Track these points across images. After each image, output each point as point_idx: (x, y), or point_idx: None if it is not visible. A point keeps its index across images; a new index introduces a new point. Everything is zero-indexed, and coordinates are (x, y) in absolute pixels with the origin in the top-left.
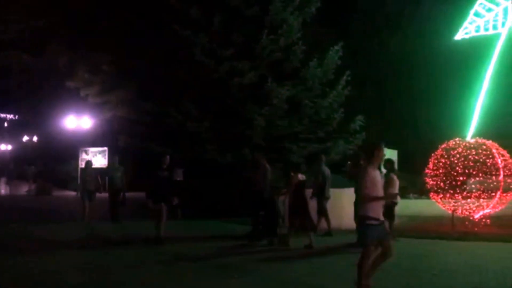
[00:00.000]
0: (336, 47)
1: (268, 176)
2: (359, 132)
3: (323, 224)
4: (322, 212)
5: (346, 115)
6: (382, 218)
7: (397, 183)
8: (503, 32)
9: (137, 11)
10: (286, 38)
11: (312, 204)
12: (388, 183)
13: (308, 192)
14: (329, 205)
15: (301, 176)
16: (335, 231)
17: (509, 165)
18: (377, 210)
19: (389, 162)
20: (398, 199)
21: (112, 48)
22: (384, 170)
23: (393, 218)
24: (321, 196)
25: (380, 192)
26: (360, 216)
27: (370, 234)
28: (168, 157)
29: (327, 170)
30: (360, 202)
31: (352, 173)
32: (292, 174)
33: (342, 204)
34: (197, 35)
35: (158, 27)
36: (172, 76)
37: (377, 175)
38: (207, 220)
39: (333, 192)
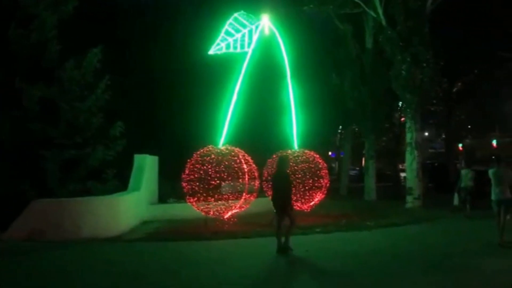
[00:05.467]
0: (95, 50)
1: None
2: (120, 138)
3: None
4: None
5: (106, 121)
6: None
7: None
8: (249, 52)
9: None
10: (39, 34)
11: None
12: None
13: None
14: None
15: None
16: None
17: (253, 170)
18: None
19: None
20: None
21: None
22: None
23: None
24: None
25: None
26: None
27: None
28: None
29: None
30: None
31: None
32: None
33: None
34: None
35: None
36: None
37: None
38: None
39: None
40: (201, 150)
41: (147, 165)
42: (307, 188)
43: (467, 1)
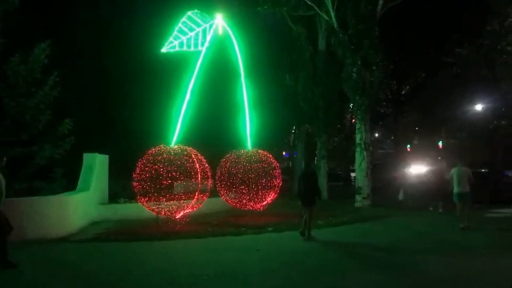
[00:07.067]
0: (43, 45)
1: None
2: (68, 136)
3: None
4: None
5: (55, 118)
6: None
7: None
8: (202, 51)
9: None
10: None
11: None
12: None
13: None
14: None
15: None
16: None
17: (206, 169)
18: None
19: None
20: None
21: None
22: None
23: None
24: None
25: None
26: None
27: None
28: None
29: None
30: None
31: None
32: None
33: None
34: None
35: None
36: None
37: None
38: None
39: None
40: (153, 149)
41: (97, 164)
42: (260, 187)
43: (415, 7)
